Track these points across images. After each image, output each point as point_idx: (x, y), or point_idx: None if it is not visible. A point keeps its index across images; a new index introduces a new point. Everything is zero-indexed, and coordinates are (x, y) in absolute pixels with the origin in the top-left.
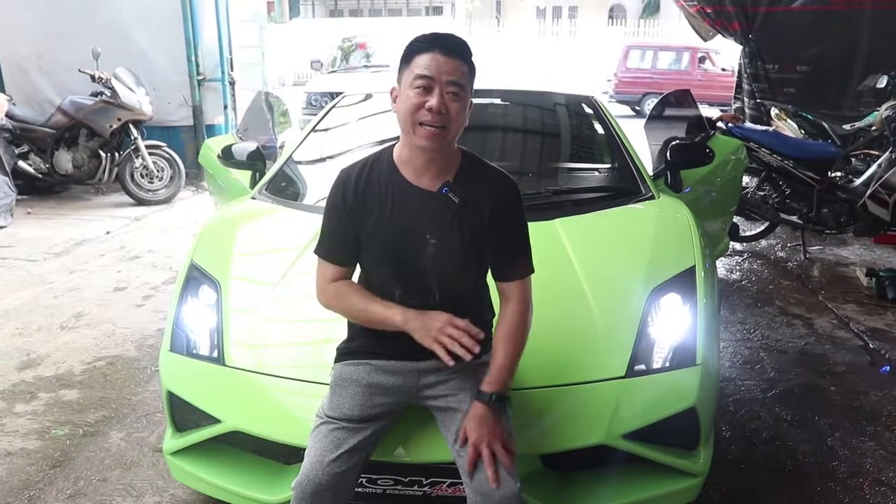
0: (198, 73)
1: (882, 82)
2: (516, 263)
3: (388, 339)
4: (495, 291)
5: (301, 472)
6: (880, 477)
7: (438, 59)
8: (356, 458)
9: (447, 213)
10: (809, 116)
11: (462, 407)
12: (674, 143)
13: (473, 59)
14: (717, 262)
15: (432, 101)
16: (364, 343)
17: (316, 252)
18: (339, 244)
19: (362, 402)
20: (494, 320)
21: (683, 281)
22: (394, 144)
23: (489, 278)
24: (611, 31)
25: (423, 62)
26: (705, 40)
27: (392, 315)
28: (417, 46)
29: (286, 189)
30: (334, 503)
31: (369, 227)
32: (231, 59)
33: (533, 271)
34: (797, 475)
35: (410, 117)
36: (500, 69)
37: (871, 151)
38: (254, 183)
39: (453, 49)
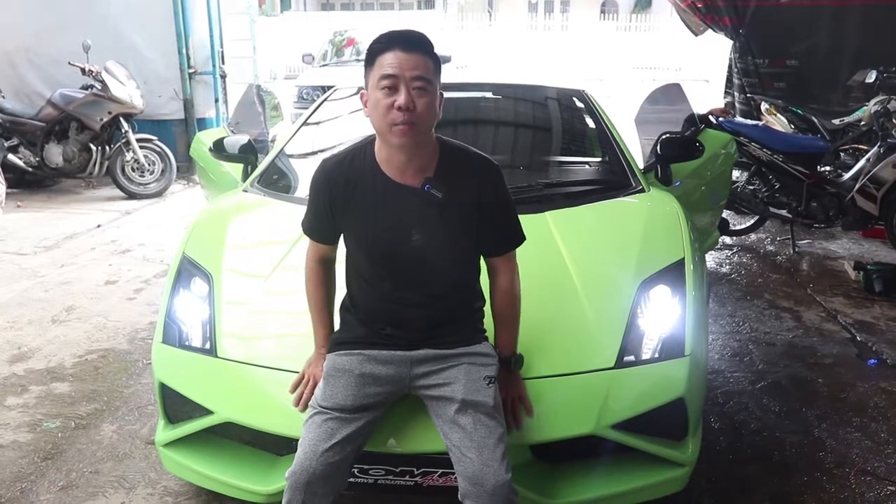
0: (189, 67)
1: (871, 77)
2: (506, 240)
3: (382, 328)
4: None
5: (295, 462)
6: (866, 467)
7: (400, 56)
8: (349, 448)
9: (432, 209)
10: (799, 111)
11: (455, 396)
12: (664, 136)
13: (436, 51)
14: (707, 255)
15: (400, 99)
16: (357, 333)
17: (301, 225)
18: (321, 226)
19: (355, 391)
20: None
21: (672, 273)
22: (375, 139)
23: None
24: (603, 25)
25: (386, 61)
26: (696, 35)
27: (316, 336)
28: (378, 47)
29: (278, 182)
30: (328, 493)
31: (354, 225)
32: (222, 52)
33: (524, 238)
34: (784, 465)
35: (383, 120)
36: (492, 63)
37: (860, 146)
38: (245, 176)
39: (414, 45)
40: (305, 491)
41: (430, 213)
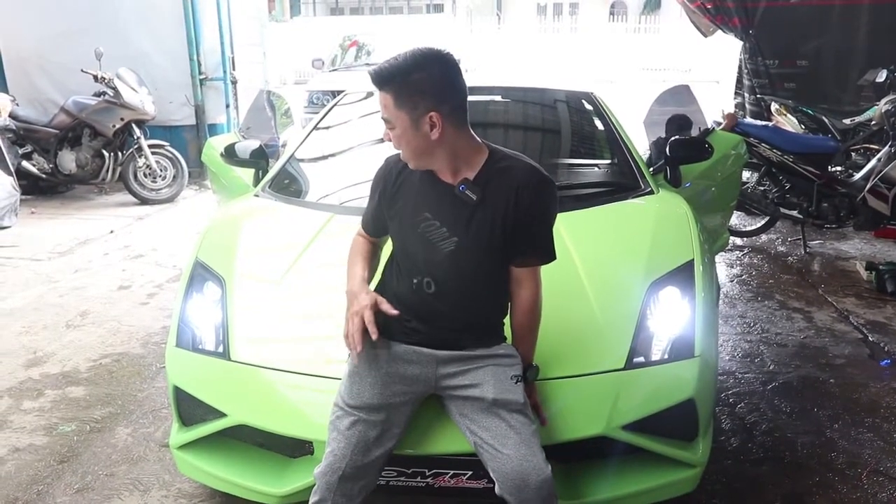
0: (199, 73)
1: (881, 77)
2: (535, 253)
3: (408, 320)
4: None
5: (324, 463)
6: (878, 467)
7: (378, 94)
8: (379, 451)
9: (466, 210)
10: (809, 111)
11: (486, 396)
12: (674, 138)
13: (417, 76)
14: (718, 256)
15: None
16: (382, 320)
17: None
18: (375, 218)
19: (381, 389)
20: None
21: (682, 274)
22: None
23: None
24: (612, 27)
25: None
26: (706, 36)
27: (349, 282)
28: None
29: (289, 186)
30: (357, 494)
31: (397, 215)
32: (233, 57)
33: (554, 258)
34: (796, 466)
35: None
36: (501, 66)
37: (871, 146)
38: (257, 181)
39: (377, 81)
40: (336, 491)
41: (463, 214)
